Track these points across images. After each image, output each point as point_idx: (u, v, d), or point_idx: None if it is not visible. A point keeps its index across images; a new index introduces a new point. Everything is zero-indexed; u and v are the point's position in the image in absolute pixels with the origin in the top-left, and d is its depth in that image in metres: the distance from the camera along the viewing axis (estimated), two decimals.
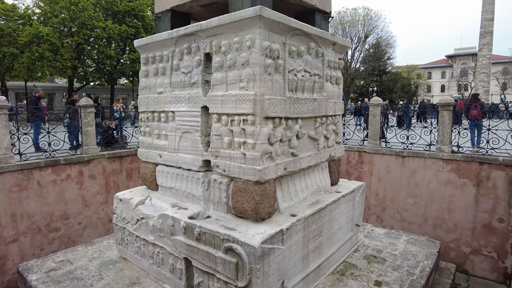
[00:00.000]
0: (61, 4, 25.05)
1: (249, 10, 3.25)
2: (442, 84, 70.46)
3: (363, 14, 44.73)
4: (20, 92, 32.71)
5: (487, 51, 40.25)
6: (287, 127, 3.80)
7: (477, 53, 44.77)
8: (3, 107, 7.40)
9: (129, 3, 30.43)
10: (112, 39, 29.56)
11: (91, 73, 30.67)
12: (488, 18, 39.22)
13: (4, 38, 25.07)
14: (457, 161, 8.79)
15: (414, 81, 60.87)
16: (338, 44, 4.65)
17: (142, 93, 4.79)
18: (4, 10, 24.53)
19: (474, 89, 44.23)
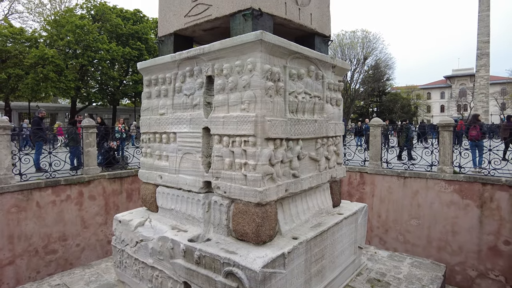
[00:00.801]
0: (67, 27, 25.76)
1: (251, 35, 3.33)
2: (442, 104, 71.07)
3: (362, 37, 45.77)
4: (23, 112, 33.08)
5: (485, 72, 40.84)
6: (288, 148, 3.80)
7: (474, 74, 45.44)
8: (6, 127, 7.46)
9: (133, 26, 31.28)
10: (115, 60, 30.17)
11: (94, 94, 31.11)
12: (484, 40, 40.07)
13: (10, 60, 25.62)
14: (459, 182, 8.73)
15: (414, 102, 61.41)
16: (337, 66, 4.73)
17: (144, 115, 4.83)
18: (12, 34, 25.19)
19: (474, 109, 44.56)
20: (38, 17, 33.40)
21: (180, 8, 4.41)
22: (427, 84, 74.48)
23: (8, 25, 26.41)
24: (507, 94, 58.01)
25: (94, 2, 30.31)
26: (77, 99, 31.04)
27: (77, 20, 26.28)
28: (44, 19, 31.32)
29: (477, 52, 40.73)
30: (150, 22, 33.73)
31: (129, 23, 31.53)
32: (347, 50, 45.69)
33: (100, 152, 9.98)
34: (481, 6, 39.94)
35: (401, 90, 61.15)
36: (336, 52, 44.62)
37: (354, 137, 19.76)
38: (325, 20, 4.79)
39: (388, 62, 50.25)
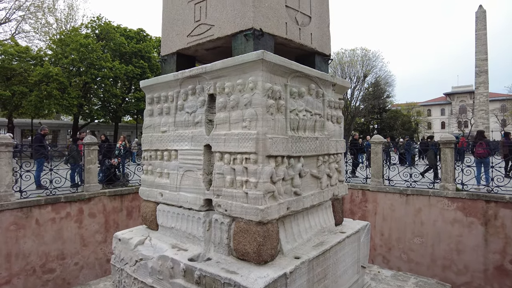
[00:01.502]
0: (72, 46, 26.27)
1: (252, 54, 3.38)
2: (442, 121, 71.36)
3: (362, 55, 46.50)
4: (26, 129, 33.30)
5: (484, 89, 41.23)
6: (290, 165, 3.79)
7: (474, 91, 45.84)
8: (8, 144, 7.49)
9: (137, 45, 31.88)
10: (118, 78, 30.60)
11: (96, 111, 31.38)
12: (482, 58, 40.67)
13: (15, 78, 26.01)
14: (462, 199, 8.65)
15: (414, 119, 61.68)
16: (338, 85, 4.78)
17: (146, 132, 4.85)
18: (18, 52, 25.68)
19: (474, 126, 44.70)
20: (44, 36, 34.14)
21: (183, 28, 4.50)
22: (427, 101, 75.05)
23: (14, 44, 26.95)
24: (507, 110, 58.30)
25: (98, 22, 31.04)
26: (79, 116, 31.31)
27: (82, 39, 26.83)
28: (50, 38, 32.00)
29: (476, 70, 41.24)
30: (153, 41, 34.39)
31: (132, 41, 32.16)
32: (347, 68, 46.33)
33: (101, 169, 9.98)
34: (478, 25, 40.75)
35: (401, 107, 61.57)
36: (336, 70, 45.23)
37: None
38: (325, 39, 4.88)
39: (388, 79, 50.88)
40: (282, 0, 4.08)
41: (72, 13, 36.80)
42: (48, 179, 8.48)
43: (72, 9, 37.15)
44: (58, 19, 35.54)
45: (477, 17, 40.99)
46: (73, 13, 36.82)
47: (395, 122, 54.78)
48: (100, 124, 36.24)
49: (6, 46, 25.97)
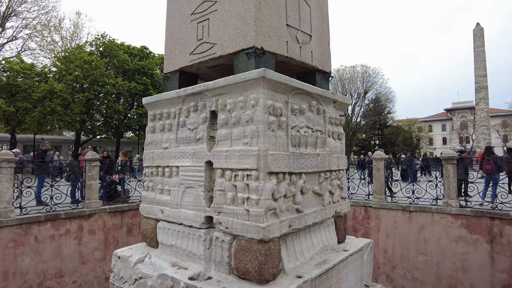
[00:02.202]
0: (76, 63, 26.69)
1: (253, 72, 3.43)
2: (444, 137, 71.37)
3: (362, 71, 47.03)
4: (28, 144, 33.45)
5: (484, 105, 41.43)
6: (291, 182, 3.77)
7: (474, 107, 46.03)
8: (10, 160, 7.51)
9: (140, 62, 32.38)
10: (121, 94, 30.93)
11: (98, 127, 31.56)
12: (481, 74, 41.05)
13: (19, 94, 26.31)
14: (466, 216, 8.54)
15: (416, 134, 61.71)
16: (338, 101, 4.81)
17: (148, 148, 4.86)
18: (23, 69, 26.10)
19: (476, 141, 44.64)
20: (49, 53, 34.77)
21: (186, 47, 4.58)
22: (428, 116, 75.31)
23: (20, 61, 27.42)
24: (508, 126, 58.35)
25: (103, 40, 31.65)
26: (81, 131, 31.48)
27: (86, 56, 27.29)
28: (55, 56, 32.56)
29: (476, 86, 41.56)
30: (156, 58, 34.96)
31: (135, 59, 32.69)
32: (348, 85, 46.78)
33: (102, 185, 9.94)
34: (476, 43, 41.34)
35: (402, 123, 61.74)
36: (337, 86, 45.67)
37: (357, 170, 19.64)
38: (325, 57, 4.95)
39: (389, 95, 51.25)
40: (283, 19, 4.16)
41: (78, 31, 37.60)
42: (48, 195, 8.45)
43: (77, 27, 37.92)
44: (64, 37, 36.29)
45: (475, 35, 41.62)
46: (78, 31, 37.60)
47: (396, 138, 54.80)
48: (102, 140, 36.39)
49: (12, 63, 26.42)
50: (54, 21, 35.15)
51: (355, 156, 43.26)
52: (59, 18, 35.84)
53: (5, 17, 31.73)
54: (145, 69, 32.44)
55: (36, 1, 33.79)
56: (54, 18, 35.21)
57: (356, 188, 11.11)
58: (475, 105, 44.30)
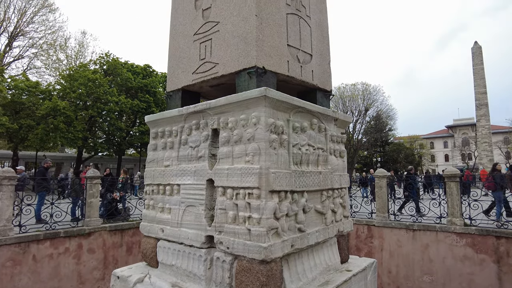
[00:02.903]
0: (80, 81, 27.08)
1: (255, 91, 3.46)
2: (446, 154, 71.16)
3: (362, 89, 47.49)
4: (30, 161, 33.50)
5: (485, 122, 41.52)
6: (293, 200, 3.74)
7: (475, 124, 46.12)
8: (11, 178, 7.50)
9: (143, 80, 32.83)
10: (123, 112, 31.17)
11: (100, 144, 31.66)
12: (481, 91, 41.35)
13: (23, 111, 26.57)
14: (471, 235, 8.39)
15: (417, 151, 61.57)
16: (339, 119, 4.83)
17: (149, 166, 4.86)
18: (28, 87, 26.47)
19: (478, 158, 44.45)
20: (54, 71, 35.35)
21: (188, 66, 4.65)
22: (429, 133, 75.36)
23: (25, 79, 27.85)
24: (510, 143, 58.23)
25: (107, 58, 32.21)
26: (83, 149, 31.56)
27: (90, 74, 27.70)
28: (59, 74, 33.09)
29: (476, 103, 41.79)
30: (159, 76, 35.46)
31: (139, 77, 33.15)
32: (348, 102, 47.15)
33: (102, 203, 9.88)
34: (475, 60, 41.87)
35: (403, 140, 61.72)
36: (338, 104, 46.02)
37: (360, 188, 19.49)
38: (326, 76, 5.01)
39: (389, 113, 51.48)
40: (284, 39, 4.24)
41: (82, 50, 38.38)
42: (48, 213, 8.39)
43: (82, 46, 38.74)
44: (69, 56, 37.00)
45: (473, 53, 42.19)
46: (83, 50, 38.37)
47: (398, 155, 54.65)
48: (103, 157, 36.44)
49: (18, 81, 26.84)
50: (60, 40, 36.00)
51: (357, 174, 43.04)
52: (65, 37, 36.72)
53: (12, 36, 32.51)
54: (148, 87, 32.84)
55: (44, 22, 34.74)
56: (60, 37, 36.08)
57: (358, 206, 10.99)
58: (476, 122, 44.42)
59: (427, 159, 65.67)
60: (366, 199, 14.08)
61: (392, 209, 10.13)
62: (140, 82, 32.42)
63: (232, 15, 4.13)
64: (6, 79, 25.85)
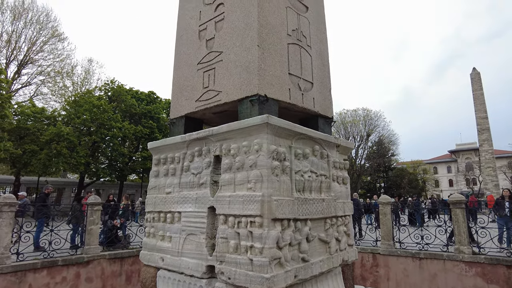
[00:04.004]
0: (85, 107, 27.50)
1: (257, 118, 3.50)
2: (450, 179, 70.43)
3: (363, 115, 47.85)
4: (32, 186, 33.39)
5: (488, 146, 41.37)
6: (296, 229, 3.67)
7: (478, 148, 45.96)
8: (11, 204, 7.44)
9: (147, 106, 33.29)
10: (127, 138, 31.34)
11: (102, 170, 31.62)
12: (482, 116, 41.51)
13: (28, 137, 26.81)
14: (481, 264, 8.13)
15: (421, 177, 61.02)
16: (342, 146, 4.83)
17: (151, 193, 4.83)
18: (33, 113, 26.87)
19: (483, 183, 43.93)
20: (60, 98, 36.03)
21: (192, 94, 4.74)
22: (432, 158, 75.02)
23: (31, 105, 28.34)
24: None
25: (112, 85, 32.87)
26: (85, 174, 31.50)
27: (95, 101, 28.18)
28: (65, 100, 33.70)
29: (478, 128, 41.87)
30: (163, 102, 35.99)
31: (143, 103, 33.66)
32: (350, 127, 47.39)
33: (102, 230, 9.73)
34: (474, 86, 42.39)
35: (406, 165, 61.36)
36: (339, 129, 46.25)
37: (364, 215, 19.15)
38: (327, 103, 5.07)
39: (391, 138, 51.55)
40: (285, 68, 4.34)
41: (88, 77, 39.29)
42: (47, 240, 8.25)
43: (88, 73, 39.68)
44: (75, 83, 37.84)
45: (472, 79, 42.79)
46: (89, 77, 39.28)
47: (401, 181, 54.14)
48: (105, 182, 36.25)
49: (24, 107, 27.30)
50: (67, 68, 36.96)
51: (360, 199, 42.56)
52: (72, 65, 37.73)
53: (21, 64, 33.45)
54: (152, 113, 33.26)
55: (52, 50, 35.86)
56: (68, 65, 37.08)
57: (363, 234, 10.76)
58: (479, 146, 44.29)
59: (431, 184, 64.95)
60: (371, 226, 13.81)
61: (397, 236, 9.90)
62: (144, 108, 32.87)
63: (235, 45, 4.25)
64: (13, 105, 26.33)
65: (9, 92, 27.57)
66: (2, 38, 32.32)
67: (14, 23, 33.12)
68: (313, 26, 5.07)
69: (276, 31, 4.30)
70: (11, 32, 32.80)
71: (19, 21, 33.42)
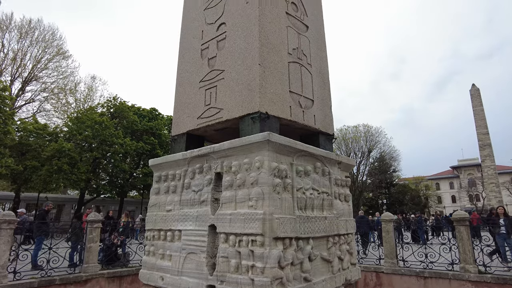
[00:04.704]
0: (87, 123, 27.64)
1: (258, 136, 3.51)
2: (452, 195, 69.78)
3: (364, 131, 47.91)
4: (32, 203, 33.16)
5: (490, 162, 41.21)
6: (298, 248, 3.62)
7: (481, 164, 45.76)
8: (11, 221, 7.38)
9: (148, 123, 33.45)
10: (128, 154, 31.32)
11: (103, 186, 31.48)
12: (483, 132, 41.56)
13: (29, 153, 26.83)
14: (487, 284, 7.95)
15: (423, 193, 60.50)
16: (343, 163, 4.82)
17: (151, 211, 4.79)
18: (36, 129, 27.01)
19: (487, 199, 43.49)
20: (63, 114, 36.33)
21: (194, 111, 4.77)
22: (434, 174, 74.59)
23: (34, 122, 28.53)
24: None
25: (114, 102, 33.15)
26: (86, 190, 31.35)
27: (97, 117, 28.36)
28: (67, 116, 33.95)
29: (479, 143, 41.84)
30: (165, 119, 36.20)
31: (144, 120, 33.86)
32: (351, 144, 47.37)
33: (101, 248, 9.59)
34: (474, 102, 42.65)
35: (408, 181, 60.94)
36: (340, 145, 46.24)
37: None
38: (328, 120, 5.09)
39: (393, 154, 51.41)
40: (286, 86, 4.38)
41: (91, 93, 39.73)
42: (45, 258, 8.12)
43: (91, 90, 40.15)
44: (78, 99, 38.25)
45: (472, 95, 43.12)
46: (91, 94, 39.72)
47: (404, 197, 53.64)
48: (105, 199, 36.01)
49: (27, 123, 27.48)
50: (71, 85, 37.45)
51: None
52: (75, 82, 38.25)
53: (26, 81, 33.92)
54: (153, 129, 33.40)
55: (57, 68, 36.44)
56: (71, 82, 37.58)
57: (366, 252, 10.57)
58: (481, 162, 44.14)
59: (434, 200, 64.31)
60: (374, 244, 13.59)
61: (400, 254, 9.73)
62: (146, 124, 33.04)
63: (236, 64, 4.32)
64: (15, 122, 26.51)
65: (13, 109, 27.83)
66: (8, 56, 32.93)
67: (20, 41, 33.82)
68: (313, 44, 5.16)
69: (277, 50, 4.37)
70: (17, 50, 33.43)
71: (26, 39, 34.12)
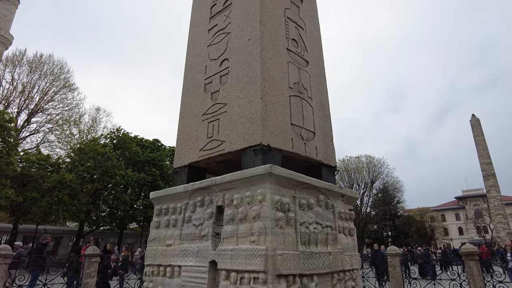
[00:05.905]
0: (90, 154, 27.71)
1: (260, 168, 3.50)
2: (459, 227, 68.08)
3: (367, 162, 47.68)
4: (29, 235, 32.51)
5: (496, 193, 40.55)
6: (302, 285, 3.48)
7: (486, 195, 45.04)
8: (6, 256, 7.19)
9: (151, 154, 33.50)
10: (129, 185, 31.09)
11: (103, 218, 30.99)
12: (486, 162, 41.28)
13: (30, 184, 26.71)
14: None
15: (429, 224, 59.08)
16: (346, 195, 4.76)
17: (151, 245, 4.68)
18: (38, 160, 27.07)
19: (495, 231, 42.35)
20: (66, 145, 36.57)
21: (196, 143, 4.80)
22: (439, 205, 73.26)
23: (37, 153, 28.67)
24: None
25: (117, 133, 33.45)
26: (85, 222, 30.82)
27: (100, 148, 28.48)
28: (70, 147, 34.17)
29: (483, 173, 41.45)
30: (167, 150, 36.31)
31: (147, 151, 33.96)
32: (354, 174, 47.01)
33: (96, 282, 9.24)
34: (475, 132, 42.78)
35: (413, 212, 59.75)
36: (343, 176, 45.88)
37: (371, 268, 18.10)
38: (329, 152, 5.10)
39: (396, 185, 50.79)
40: (288, 118, 4.44)
41: (95, 125, 40.21)
42: None
43: (95, 121, 40.67)
44: (81, 131, 38.65)
45: (472, 125, 43.35)
46: (95, 125, 40.19)
47: (409, 229, 52.34)
48: (104, 231, 35.31)
49: (29, 154, 27.60)
50: (75, 116, 38.02)
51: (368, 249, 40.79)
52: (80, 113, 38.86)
53: (32, 113, 34.51)
54: (155, 160, 33.39)
55: (63, 100, 37.19)
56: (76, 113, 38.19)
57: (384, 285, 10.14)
58: (486, 192, 43.48)
59: (440, 232, 62.63)
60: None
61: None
62: (148, 156, 33.08)
63: (238, 97, 4.40)
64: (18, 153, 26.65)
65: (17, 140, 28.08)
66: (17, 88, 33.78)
67: (29, 75, 34.84)
68: (314, 78, 5.28)
69: (278, 84, 4.47)
70: (26, 83, 34.35)
71: (35, 73, 35.16)
